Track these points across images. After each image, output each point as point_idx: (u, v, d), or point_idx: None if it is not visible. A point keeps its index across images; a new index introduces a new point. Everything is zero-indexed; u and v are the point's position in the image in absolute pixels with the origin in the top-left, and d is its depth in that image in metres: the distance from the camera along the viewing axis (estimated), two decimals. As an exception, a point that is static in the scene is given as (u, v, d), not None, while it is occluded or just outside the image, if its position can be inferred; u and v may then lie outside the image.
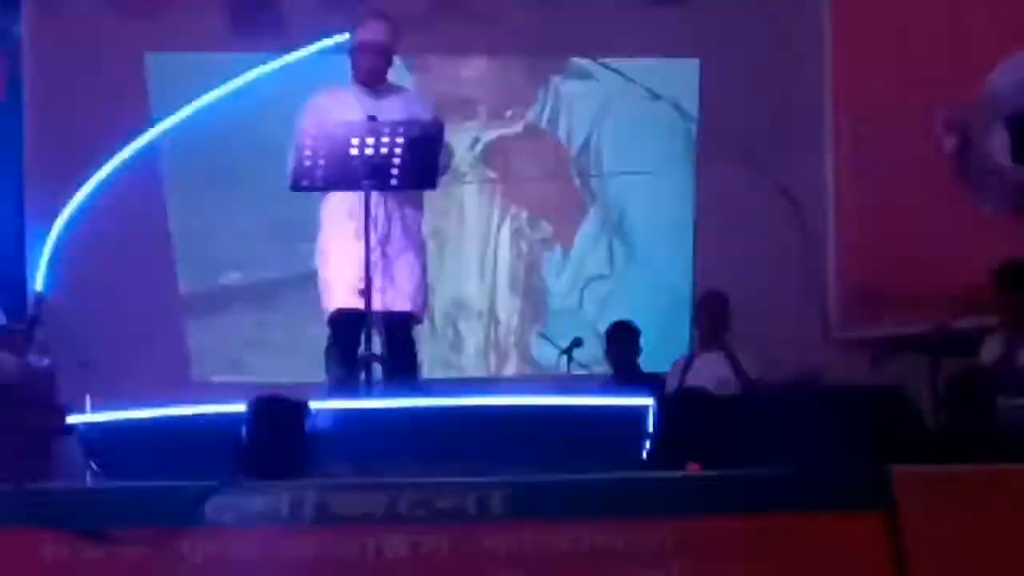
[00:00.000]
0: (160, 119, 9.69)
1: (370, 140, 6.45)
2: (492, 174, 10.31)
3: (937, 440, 6.62)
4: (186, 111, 9.63)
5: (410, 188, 6.77)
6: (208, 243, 9.93)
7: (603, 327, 9.13)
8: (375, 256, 6.55)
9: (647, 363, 8.83)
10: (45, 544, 4.86)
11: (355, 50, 7.03)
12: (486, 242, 10.27)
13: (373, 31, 7.01)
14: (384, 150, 6.44)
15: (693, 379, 8.21)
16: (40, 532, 4.87)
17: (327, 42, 9.24)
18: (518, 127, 10.35)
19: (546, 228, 10.32)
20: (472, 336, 10.21)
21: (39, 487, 5.20)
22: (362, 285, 6.51)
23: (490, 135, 10.28)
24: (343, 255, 6.74)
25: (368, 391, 6.44)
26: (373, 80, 7.00)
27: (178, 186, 9.80)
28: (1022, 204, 9.42)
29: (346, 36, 7.27)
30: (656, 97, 10.15)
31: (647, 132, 10.21)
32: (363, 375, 6.55)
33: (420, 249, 6.99)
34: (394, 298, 6.72)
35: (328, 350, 6.86)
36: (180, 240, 9.83)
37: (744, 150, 9.96)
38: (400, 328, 6.84)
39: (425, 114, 6.96)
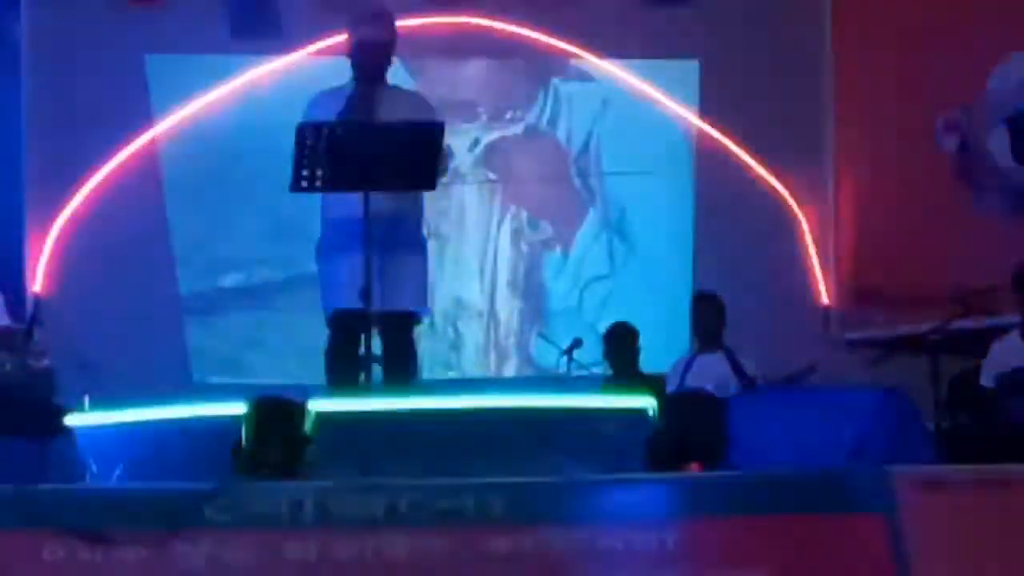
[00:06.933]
0: (160, 120, 9.70)
1: (370, 140, 6.43)
2: (492, 175, 10.30)
3: (938, 440, 6.63)
4: (185, 112, 9.64)
5: (409, 188, 6.75)
6: (208, 244, 9.92)
7: (603, 327, 9.11)
8: (375, 256, 6.53)
9: (647, 363, 8.81)
10: (45, 545, 4.84)
11: (355, 49, 7.00)
12: (486, 242, 10.26)
13: (372, 30, 6.98)
14: (384, 150, 6.43)
15: (693, 380, 8.19)
16: (40, 533, 4.86)
17: (326, 42, 9.24)
18: (518, 128, 10.34)
19: (546, 229, 10.31)
20: (472, 336, 10.20)
21: (39, 488, 5.18)
22: (362, 285, 6.50)
23: (490, 136, 10.27)
24: (343, 255, 6.71)
25: (368, 391, 6.44)
26: (373, 79, 6.97)
27: (178, 187, 9.79)
28: (1022, 204, 9.43)
29: (344, 36, 7.24)
30: (656, 97, 10.15)
31: (647, 132, 10.20)
32: (363, 376, 6.54)
33: (420, 249, 6.97)
34: (394, 298, 6.70)
35: (328, 351, 6.85)
36: (180, 241, 9.82)
37: (744, 150, 9.98)
38: (400, 328, 6.82)
39: (425, 114, 6.93)
